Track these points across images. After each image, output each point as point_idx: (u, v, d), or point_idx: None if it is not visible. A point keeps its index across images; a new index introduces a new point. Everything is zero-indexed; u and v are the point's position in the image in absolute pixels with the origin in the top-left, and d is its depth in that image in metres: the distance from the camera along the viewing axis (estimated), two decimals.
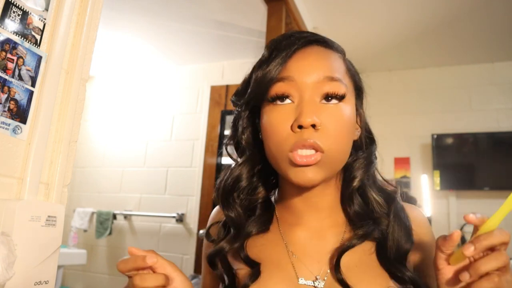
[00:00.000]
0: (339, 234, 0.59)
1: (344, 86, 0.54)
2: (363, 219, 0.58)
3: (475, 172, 2.80)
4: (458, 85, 3.01)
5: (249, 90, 0.58)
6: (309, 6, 2.37)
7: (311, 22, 2.53)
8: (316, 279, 0.55)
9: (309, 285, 0.55)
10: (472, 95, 2.95)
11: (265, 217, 0.62)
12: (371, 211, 0.58)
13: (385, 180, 0.65)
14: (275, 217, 0.63)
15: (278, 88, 0.54)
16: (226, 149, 0.65)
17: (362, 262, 0.56)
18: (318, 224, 0.60)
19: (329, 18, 2.51)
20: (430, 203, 2.84)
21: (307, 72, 0.54)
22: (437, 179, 2.83)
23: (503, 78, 2.92)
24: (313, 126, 0.52)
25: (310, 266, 0.57)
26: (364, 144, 0.61)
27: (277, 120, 0.54)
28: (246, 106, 0.60)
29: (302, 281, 0.55)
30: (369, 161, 0.60)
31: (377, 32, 2.66)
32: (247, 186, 0.61)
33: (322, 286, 0.54)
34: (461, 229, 2.72)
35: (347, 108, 0.55)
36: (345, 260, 0.55)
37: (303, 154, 0.51)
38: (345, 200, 0.60)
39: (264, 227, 0.61)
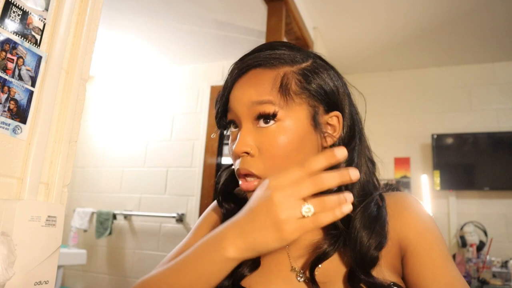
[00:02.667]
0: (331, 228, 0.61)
1: (272, 106, 0.55)
2: (333, 227, 0.58)
3: (475, 172, 2.80)
4: (458, 85, 3.01)
5: (214, 116, 0.64)
6: (309, 6, 2.37)
7: (311, 22, 2.53)
8: (300, 271, 0.59)
9: (294, 275, 0.59)
10: (472, 95, 2.95)
11: None
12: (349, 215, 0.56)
13: (378, 181, 0.63)
14: None
15: (228, 116, 0.61)
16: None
17: (335, 269, 0.57)
18: None
19: (329, 18, 2.51)
20: (430, 203, 2.84)
21: (239, 101, 0.58)
22: (437, 179, 2.83)
23: (503, 78, 2.92)
24: (247, 153, 0.56)
25: (302, 257, 0.60)
26: (345, 144, 0.59)
27: (229, 145, 0.61)
28: (219, 127, 0.65)
29: (292, 269, 0.60)
30: (349, 161, 0.58)
31: (377, 32, 2.66)
32: (234, 187, 0.67)
33: (301, 280, 0.58)
34: (461, 229, 2.73)
35: (288, 126, 0.55)
36: (324, 266, 0.57)
37: (245, 181, 0.56)
38: None
39: None
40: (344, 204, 0.44)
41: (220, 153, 2.91)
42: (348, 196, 0.44)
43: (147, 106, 3.28)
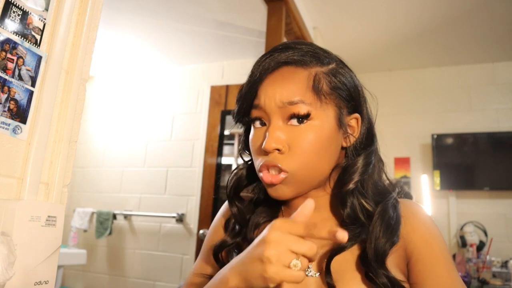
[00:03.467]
0: (332, 225, 0.63)
1: (305, 106, 0.57)
2: (353, 221, 0.59)
3: (475, 172, 2.80)
4: (458, 85, 3.01)
5: (235, 112, 0.64)
6: (309, 6, 2.37)
7: (311, 22, 2.53)
8: (309, 268, 0.59)
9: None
10: (472, 95, 2.95)
11: (273, 209, 0.68)
12: (362, 213, 0.60)
13: (389, 180, 0.66)
14: (281, 211, 0.69)
15: (253, 113, 0.60)
16: (240, 154, 0.72)
17: (346, 263, 0.59)
18: (314, 217, 0.62)
19: (329, 18, 2.51)
20: (430, 203, 2.84)
21: (271, 98, 0.58)
22: (437, 179, 2.83)
23: (503, 78, 2.92)
24: (278, 150, 0.57)
25: None
26: (362, 146, 0.62)
27: (254, 141, 0.61)
28: (238, 123, 0.66)
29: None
30: (366, 163, 0.61)
31: (377, 32, 2.66)
32: (247, 184, 0.69)
33: (311, 276, 0.59)
34: (461, 229, 2.73)
35: (318, 125, 0.58)
36: (335, 260, 0.58)
37: (268, 174, 0.58)
38: (339, 202, 0.61)
39: (272, 217, 0.66)
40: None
41: (220, 153, 2.91)
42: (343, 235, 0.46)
43: (147, 106, 3.28)
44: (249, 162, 0.69)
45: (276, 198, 0.60)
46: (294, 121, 0.57)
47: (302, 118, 0.57)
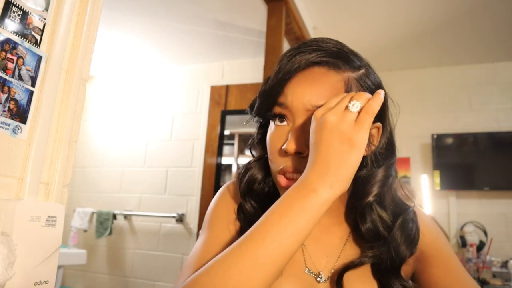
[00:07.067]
0: (344, 230, 0.63)
1: None
2: (374, 236, 0.58)
3: (475, 172, 2.80)
4: (458, 85, 3.01)
5: (256, 106, 0.61)
6: (309, 6, 2.37)
7: (311, 22, 2.53)
8: (319, 274, 0.59)
9: (312, 276, 0.59)
10: (472, 95, 2.95)
11: None
12: (382, 227, 0.59)
13: (406, 193, 0.65)
14: None
15: (276, 110, 0.57)
16: (250, 147, 0.69)
17: (356, 273, 0.58)
18: (327, 221, 0.63)
19: (329, 18, 2.51)
20: (430, 203, 2.84)
21: (299, 99, 0.55)
22: (437, 179, 2.83)
23: (503, 78, 2.92)
24: (300, 153, 0.54)
25: (317, 259, 0.60)
26: (383, 157, 0.59)
27: (273, 139, 0.58)
28: (256, 117, 0.63)
29: (307, 270, 0.59)
30: (386, 175, 0.58)
31: (377, 32, 2.66)
32: (262, 179, 0.64)
33: (322, 282, 0.58)
34: (461, 229, 2.73)
35: None
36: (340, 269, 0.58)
37: (287, 177, 0.55)
38: (355, 212, 0.60)
39: None
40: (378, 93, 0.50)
41: (220, 153, 2.91)
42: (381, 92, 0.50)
43: (147, 106, 3.28)
44: (259, 159, 0.66)
45: None
46: None
47: None
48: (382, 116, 0.60)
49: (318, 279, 0.58)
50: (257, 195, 0.63)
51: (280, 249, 0.44)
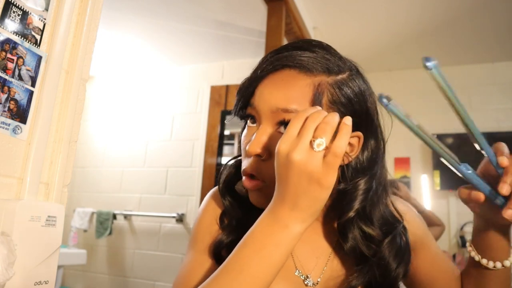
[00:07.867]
0: (332, 229, 0.62)
1: None
2: (359, 257, 0.57)
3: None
4: (458, 85, 3.00)
5: (234, 105, 0.61)
6: (309, 6, 2.37)
7: (311, 22, 2.53)
8: (308, 277, 0.58)
9: (302, 278, 0.58)
10: (472, 95, 2.95)
11: None
12: (365, 245, 0.57)
13: (395, 207, 0.63)
14: None
15: (248, 110, 0.57)
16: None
17: (341, 277, 0.59)
18: (314, 223, 0.61)
19: (329, 18, 2.51)
20: (430, 203, 2.84)
21: (266, 101, 0.54)
22: (437, 179, 2.83)
23: (503, 78, 2.92)
24: (259, 156, 0.53)
25: (306, 260, 0.60)
26: (363, 169, 0.56)
27: (243, 140, 0.59)
28: (235, 116, 0.63)
29: (297, 272, 0.59)
30: (368, 188, 0.55)
31: (377, 32, 2.66)
32: (239, 178, 0.63)
33: (310, 285, 0.58)
34: (461, 229, 2.73)
35: None
36: (328, 274, 0.58)
37: (248, 179, 0.55)
38: (336, 227, 0.59)
39: None
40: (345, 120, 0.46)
41: (220, 153, 2.91)
42: (347, 120, 0.46)
43: (147, 106, 3.28)
44: (235, 158, 0.67)
45: (253, 204, 0.57)
46: (282, 129, 0.53)
47: None
48: (362, 124, 0.56)
49: (306, 282, 0.58)
50: (235, 193, 0.63)
51: (257, 283, 0.44)
